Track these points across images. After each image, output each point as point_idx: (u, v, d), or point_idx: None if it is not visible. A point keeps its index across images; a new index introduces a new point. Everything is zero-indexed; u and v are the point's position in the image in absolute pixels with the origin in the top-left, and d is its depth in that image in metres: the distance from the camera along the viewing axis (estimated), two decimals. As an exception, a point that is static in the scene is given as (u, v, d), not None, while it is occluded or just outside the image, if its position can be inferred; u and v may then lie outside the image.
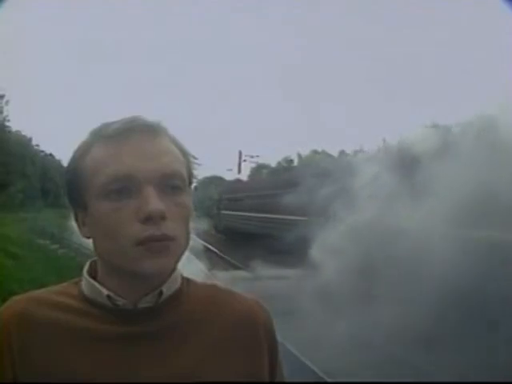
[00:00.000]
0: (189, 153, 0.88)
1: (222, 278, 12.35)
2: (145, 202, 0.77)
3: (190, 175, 0.87)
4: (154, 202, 0.77)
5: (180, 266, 0.85)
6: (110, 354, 0.80)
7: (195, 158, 0.89)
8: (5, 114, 27.54)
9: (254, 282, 12.17)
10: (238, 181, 32.67)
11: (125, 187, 0.78)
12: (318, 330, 7.66)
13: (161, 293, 0.83)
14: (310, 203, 11.50)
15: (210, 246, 21.24)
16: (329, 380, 5.87)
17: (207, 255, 17.96)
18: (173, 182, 0.81)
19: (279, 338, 0.94)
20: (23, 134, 31.22)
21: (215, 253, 19.15)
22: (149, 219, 0.77)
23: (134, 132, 0.81)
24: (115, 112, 0.85)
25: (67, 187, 0.86)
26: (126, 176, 0.78)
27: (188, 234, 0.83)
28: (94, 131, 0.84)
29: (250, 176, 40.03)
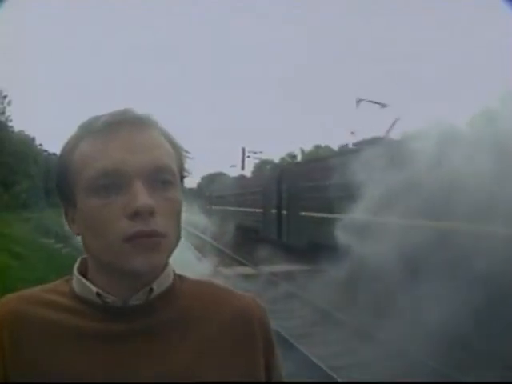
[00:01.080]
0: (180, 146, 0.86)
1: (228, 275, 12.36)
2: (133, 198, 0.75)
3: (182, 169, 0.85)
4: (143, 197, 0.75)
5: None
6: (100, 352, 0.78)
7: (187, 152, 0.87)
8: (7, 114, 27.60)
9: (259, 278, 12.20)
10: (242, 177, 32.84)
11: (113, 182, 0.76)
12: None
13: (151, 290, 0.81)
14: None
15: (213, 243, 21.31)
16: (339, 379, 5.84)
17: (214, 252, 18.04)
18: (163, 177, 0.79)
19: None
20: (26, 133, 31.34)
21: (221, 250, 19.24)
22: (137, 215, 0.75)
23: (123, 125, 0.79)
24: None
25: (56, 183, 0.84)
26: (114, 171, 0.76)
27: (179, 229, 0.81)
28: (82, 125, 0.82)
29: (253, 172, 39.99)
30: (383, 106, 16.06)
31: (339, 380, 5.79)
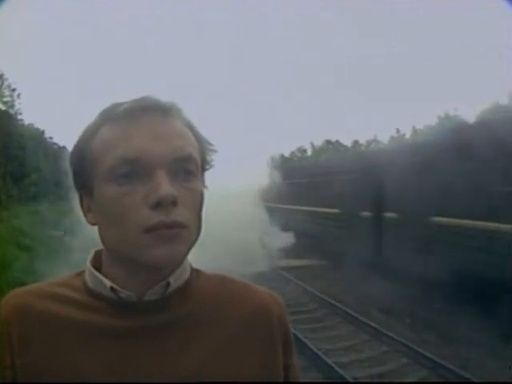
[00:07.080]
0: (203, 138, 0.82)
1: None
2: (156, 187, 0.72)
3: (204, 161, 0.82)
4: (166, 186, 0.72)
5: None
6: (113, 349, 0.76)
7: (210, 144, 0.83)
8: (17, 107, 27.68)
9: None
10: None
11: (134, 170, 0.73)
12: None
13: (168, 284, 0.78)
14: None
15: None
16: (345, 375, 5.83)
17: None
18: (186, 167, 0.76)
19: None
20: (36, 126, 31.43)
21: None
22: (159, 205, 0.71)
23: (146, 112, 0.76)
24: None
25: (72, 170, 0.81)
26: (135, 158, 0.73)
27: (200, 221, 0.78)
28: (103, 111, 0.79)
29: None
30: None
31: (350, 380, 5.80)
